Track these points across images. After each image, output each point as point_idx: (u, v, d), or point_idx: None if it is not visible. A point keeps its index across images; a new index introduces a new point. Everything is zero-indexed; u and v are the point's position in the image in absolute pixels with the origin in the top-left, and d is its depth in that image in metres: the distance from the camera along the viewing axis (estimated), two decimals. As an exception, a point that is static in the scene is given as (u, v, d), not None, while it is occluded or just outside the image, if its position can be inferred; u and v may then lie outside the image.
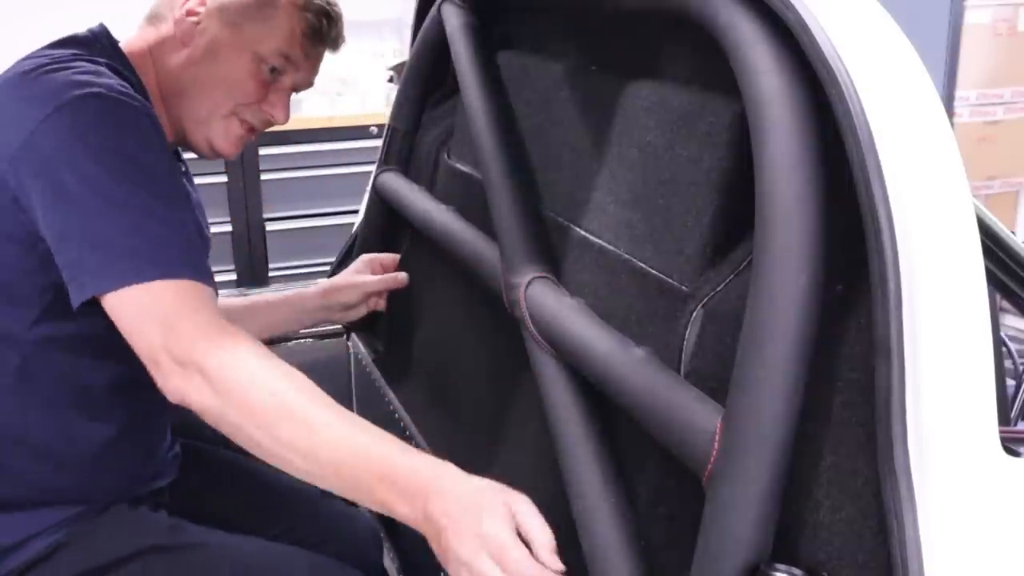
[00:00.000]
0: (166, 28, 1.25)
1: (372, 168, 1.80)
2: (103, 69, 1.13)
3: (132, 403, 1.23)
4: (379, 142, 1.80)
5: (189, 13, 1.24)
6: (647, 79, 1.06)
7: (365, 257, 1.71)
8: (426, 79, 1.70)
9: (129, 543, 1.18)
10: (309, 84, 1.35)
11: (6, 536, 1.14)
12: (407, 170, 1.73)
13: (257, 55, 1.25)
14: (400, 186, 1.66)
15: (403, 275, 1.65)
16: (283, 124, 1.33)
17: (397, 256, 1.71)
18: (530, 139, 1.32)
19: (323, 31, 1.30)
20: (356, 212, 1.93)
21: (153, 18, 1.28)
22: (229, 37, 1.24)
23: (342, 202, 3.54)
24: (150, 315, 1.01)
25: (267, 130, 1.34)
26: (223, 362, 0.98)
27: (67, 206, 1.03)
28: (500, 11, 1.49)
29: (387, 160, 1.76)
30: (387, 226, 1.78)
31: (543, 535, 0.86)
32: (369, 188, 1.81)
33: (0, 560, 1.14)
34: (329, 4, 1.30)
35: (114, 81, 1.11)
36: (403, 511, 0.91)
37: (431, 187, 1.63)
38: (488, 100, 1.35)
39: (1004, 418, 1.78)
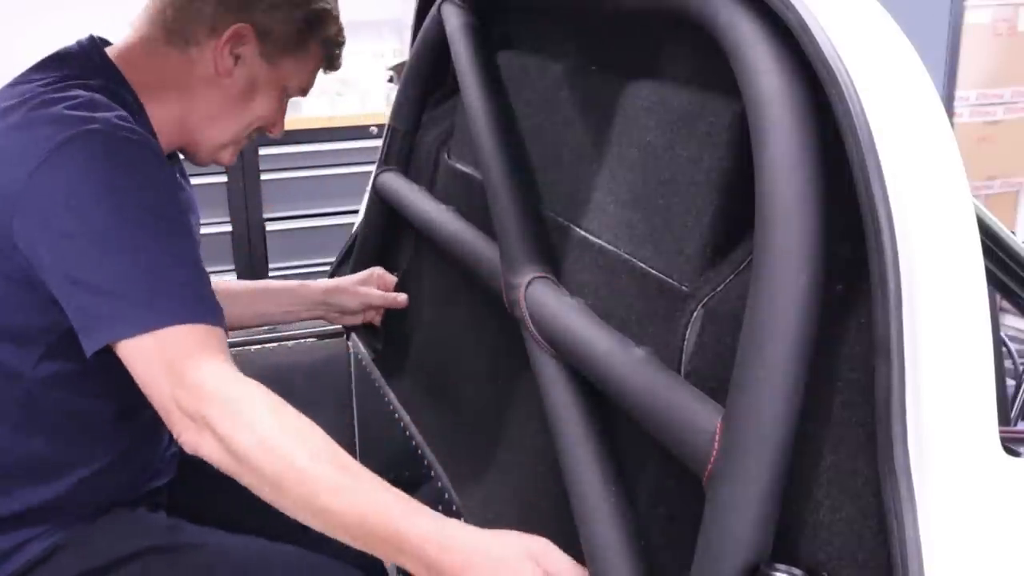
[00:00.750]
0: (197, 52, 1.21)
1: (372, 168, 1.80)
2: (99, 98, 1.10)
3: (136, 425, 1.24)
4: (379, 142, 1.80)
5: (231, 51, 1.21)
6: (647, 79, 1.06)
7: (375, 270, 1.72)
8: (426, 79, 1.70)
9: (128, 544, 1.18)
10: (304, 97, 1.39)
11: (4, 540, 1.14)
12: (407, 170, 1.73)
13: (285, 89, 1.29)
14: (400, 186, 1.66)
15: (403, 297, 1.67)
16: (278, 137, 1.37)
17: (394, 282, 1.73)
18: (530, 139, 1.32)
19: (335, 60, 1.34)
20: (356, 212, 1.93)
21: (177, 36, 1.21)
22: (267, 74, 1.25)
23: (342, 202, 3.54)
24: (160, 364, 1.00)
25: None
26: (234, 425, 0.98)
27: (73, 252, 1.02)
28: (500, 11, 1.49)
29: (387, 160, 1.76)
30: (387, 226, 1.78)
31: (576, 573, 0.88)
32: (369, 188, 1.81)
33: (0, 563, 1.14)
34: (341, 33, 1.33)
35: (111, 114, 1.08)
36: (419, 572, 0.91)
37: (431, 187, 1.63)
38: (488, 100, 1.35)
39: (1004, 418, 1.78)
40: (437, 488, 1.38)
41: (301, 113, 3.61)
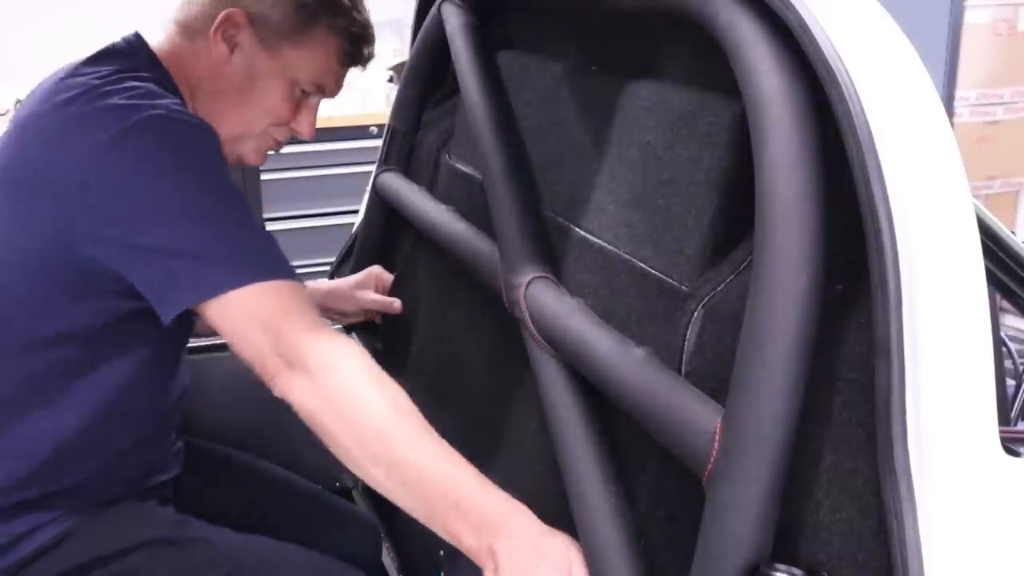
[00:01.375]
0: (202, 44, 1.22)
1: (372, 168, 1.80)
2: (154, 88, 1.13)
3: (153, 417, 1.26)
4: (379, 142, 1.80)
5: (224, 36, 1.21)
6: (647, 79, 1.06)
7: (373, 270, 1.72)
8: (426, 79, 1.70)
9: (135, 535, 1.20)
10: (334, 96, 1.36)
11: (18, 525, 1.16)
12: (407, 170, 1.73)
13: (293, 81, 1.25)
14: (400, 186, 1.66)
15: (398, 303, 1.67)
16: (309, 139, 1.33)
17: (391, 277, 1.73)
18: (530, 139, 1.32)
19: (356, 55, 1.29)
20: (356, 212, 1.93)
21: (187, 29, 1.24)
22: (266, 62, 1.23)
23: (342, 202, 3.54)
24: (256, 318, 1.04)
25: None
26: (329, 366, 1.01)
27: (152, 224, 1.04)
28: (500, 11, 1.49)
29: (387, 160, 1.76)
30: (387, 226, 1.78)
31: None
32: (369, 188, 1.81)
33: (11, 548, 1.15)
34: (364, 26, 1.28)
35: (168, 101, 1.11)
36: (469, 543, 0.93)
37: (431, 187, 1.63)
38: (488, 100, 1.35)
39: (1004, 418, 1.78)
40: (437, 488, 1.38)
41: (301, 113, 3.61)
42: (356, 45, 1.28)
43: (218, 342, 1.54)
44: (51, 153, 1.07)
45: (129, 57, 1.20)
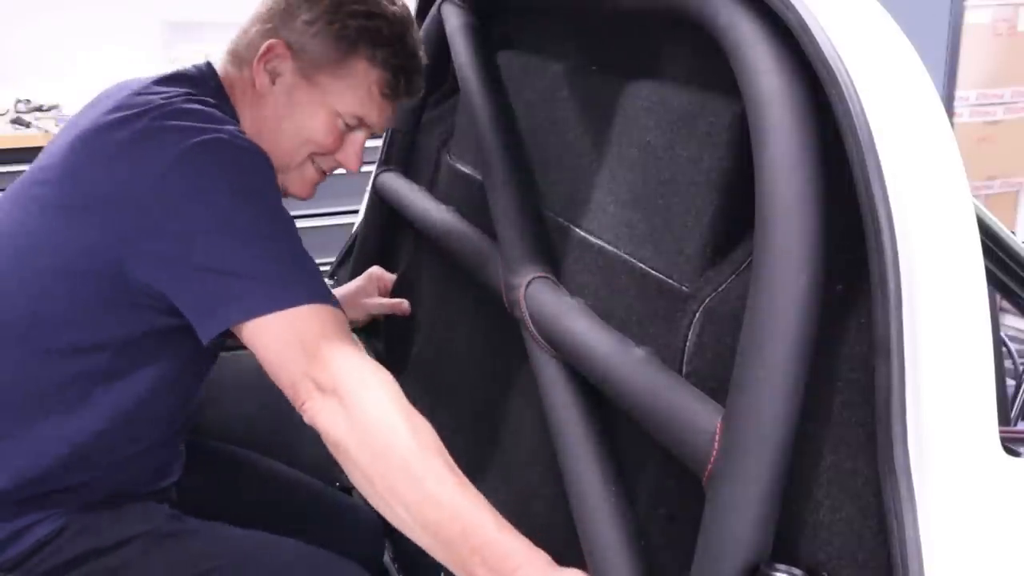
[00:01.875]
0: (248, 73, 1.24)
1: (372, 168, 1.80)
2: (218, 114, 1.15)
3: (176, 418, 1.28)
4: (379, 142, 1.80)
5: (268, 66, 1.22)
6: (647, 79, 1.06)
7: (373, 272, 1.72)
8: (426, 79, 1.70)
9: (130, 527, 1.20)
10: (382, 129, 1.34)
11: (18, 522, 1.16)
12: (407, 170, 1.73)
13: (333, 111, 1.24)
14: (400, 186, 1.66)
15: (406, 304, 1.67)
16: (354, 172, 1.33)
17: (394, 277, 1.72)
18: (530, 139, 1.32)
19: (400, 87, 1.26)
20: (356, 212, 1.93)
21: (237, 58, 1.26)
22: (307, 92, 1.23)
23: (342, 202, 3.53)
24: (294, 340, 1.04)
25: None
26: (362, 397, 1.01)
27: (204, 242, 1.05)
28: (500, 11, 1.49)
29: (387, 160, 1.76)
30: (387, 226, 1.78)
31: None
32: (369, 188, 1.81)
33: (10, 542, 1.15)
34: (409, 57, 1.26)
35: (231, 127, 1.13)
36: None
37: (431, 187, 1.63)
38: (488, 100, 1.35)
39: (1004, 418, 1.78)
40: (437, 488, 1.38)
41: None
42: (399, 77, 1.25)
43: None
44: (112, 166, 1.08)
45: (198, 83, 1.22)
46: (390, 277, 1.73)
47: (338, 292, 1.68)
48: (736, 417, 0.75)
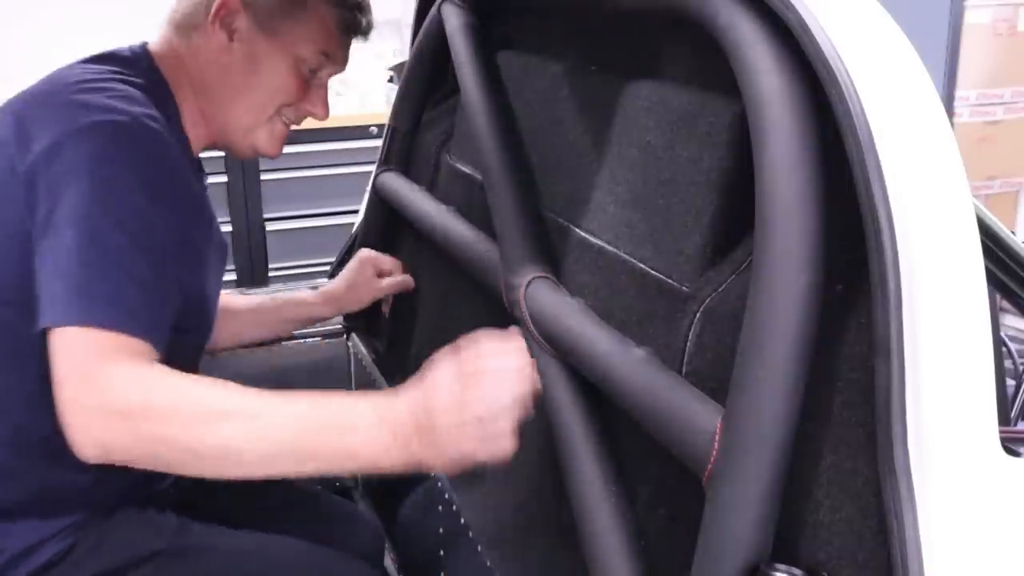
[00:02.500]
0: (200, 39, 1.22)
1: (372, 168, 1.80)
2: (136, 94, 1.12)
3: None
4: (379, 142, 1.80)
5: (222, 24, 1.21)
6: (647, 79, 1.06)
7: (364, 257, 1.68)
8: (426, 79, 1.70)
9: (140, 546, 1.19)
10: (341, 71, 1.35)
11: (18, 541, 1.14)
12: (407, 170, 1.73)
13: (297, 57, 1.25)
14: (400, 186, 1.66)
15: (410, 279, 1.66)
16: (324, 120, 1.32)
17: (396, 262, 1.70)
18: (530, 139, 1.32)
19: (356, 22, 1.29)
20: (356, 212, 1.93)
21: (183, 27, 1.24)
22: (267, 44, 1.23)
23: (342, 202, 3.54)
24: (75, 359, 0.96)
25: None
26: (135, 390, 0.93)
27: (54, 229, 1.02)
28: (500, 11, 1.49)
29: (387, 160, 1.76)
30: (387, 226, 1.78)
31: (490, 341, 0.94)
32: (369, 188, 1.81)
33: (14, 566, 1.14)
34: None
35: (143, 110, 1.10)
36: (391, 451, 0.90)
37: (431, 187, 1.63)
38: (488, 100, 1.35)
39: (1004, 418, 1.78)
40: (437, 488, 1.38)
41: (301, 113, 3.61)
42: (353, 12, 1.28)
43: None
44: (26, 137, 1.07)
45: (130, 63, 1.20)
46: (385, 258, 1.70)
47: (334, 283, 1.67)
48: (736, 417, 0.75)
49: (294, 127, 1.34)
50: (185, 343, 1.18)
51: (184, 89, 1.23)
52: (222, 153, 1.34)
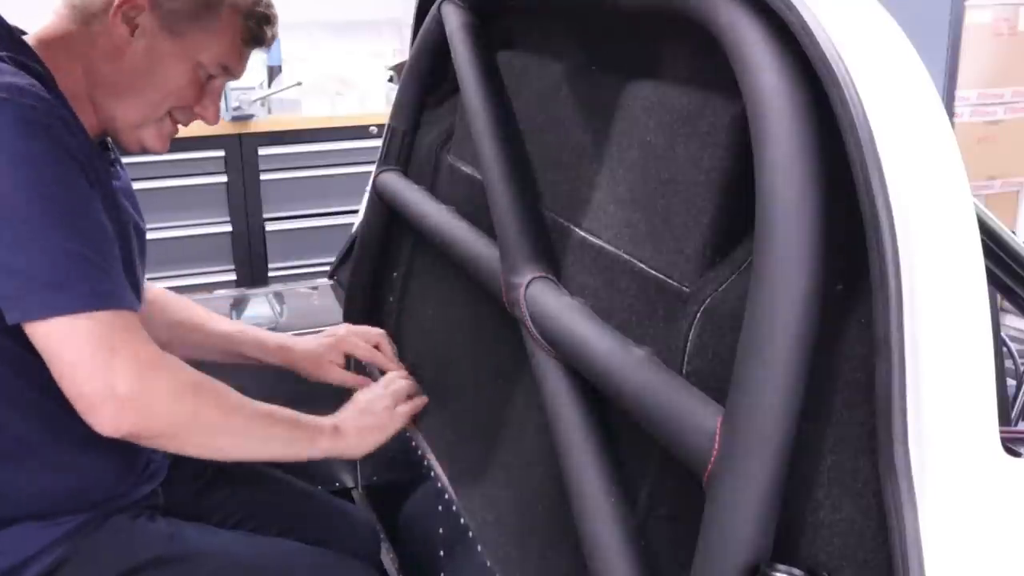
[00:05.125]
0: (99, 27, 1.19)
1: (372, 168, 1.80)
2: (4, 65, 1.09)
3: None
4: (379, 142, 1.80)
5: (124, 18, 1.18)
6: (647, 79, 1.06)
7: (341, 335, 1.58)
8: (426, 79, 1.70)
9: (131, 556, 1.18)
10: (236, 80, 1.34)
11: (8, 557, 1.14)
12: (407, 170, 1.73)
13: (198, 63, 1.23)
14: (400, 186, 1.66)
15: (363, 379, 1.55)
16: (213, 124, 1.32)
17: (382, 333, 1.62)
18: (530, 139, 1.32)
19: (262, 36, 1.28)
20: (356, 212, 1.93)
21: (82, 13, 1.20)
22: (169, 45, 1.20)
23: (342, 202, 3.54)
24: (71, 349, 1.02)
25: (268, 130, 1.33)
26: (147, 386, 1.05)
27: None
28: (500, 11, 1.49)
29: (387, 160, 1.76)
30: (387, 226, 1.77)
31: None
32: (369, 188, 1.81)
33: None
34: (267, 7, 1.27)
35: (17, 80, 1.06)
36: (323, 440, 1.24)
37: (431, 187, 1.63)
38: (488, 100, 1.35)
39: (1004, 418, 1.78)
40: (437, 488, 1.38)
41: (301, 113, 3.62)
42: (260, 25, 1.27)
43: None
44: None
45: (9, 45, 1.15)
46: (370, 331, 1.60)
47: (299, 341, 1.57)
48: (736, 417, 0.75)
49: (182, 128, 1.32)
50: None
51: (75, 76, 1.20)
52: (222, 153, 1.34)
